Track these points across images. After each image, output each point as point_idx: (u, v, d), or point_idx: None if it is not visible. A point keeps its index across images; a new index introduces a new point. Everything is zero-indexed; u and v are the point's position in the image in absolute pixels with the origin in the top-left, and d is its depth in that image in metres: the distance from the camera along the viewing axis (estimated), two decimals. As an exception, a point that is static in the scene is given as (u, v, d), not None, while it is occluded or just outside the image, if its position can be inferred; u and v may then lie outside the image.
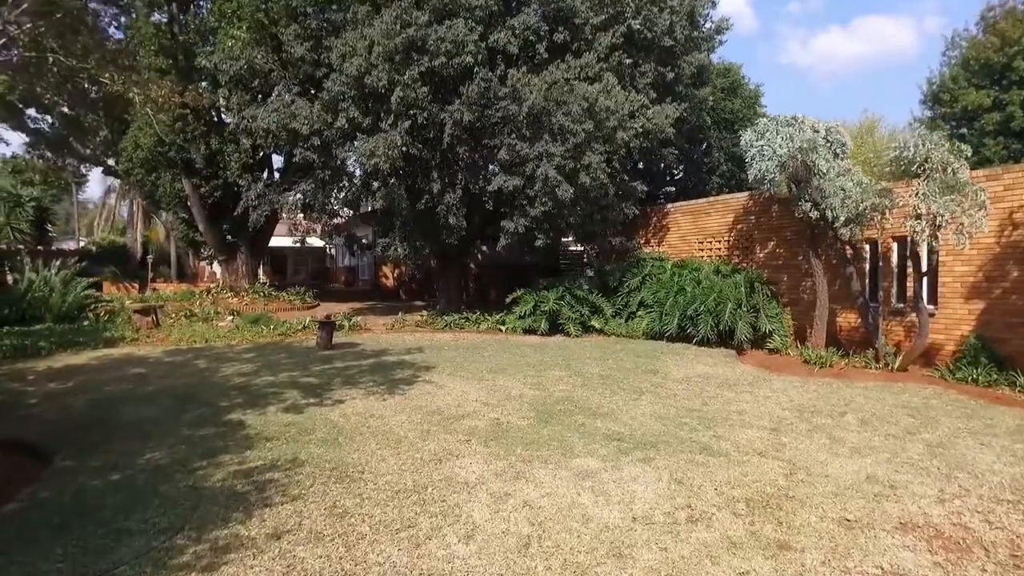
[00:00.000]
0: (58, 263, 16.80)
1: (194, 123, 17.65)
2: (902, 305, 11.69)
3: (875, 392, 9.09)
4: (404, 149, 13.28)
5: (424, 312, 19.03)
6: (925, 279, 10.79)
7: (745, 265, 15.42)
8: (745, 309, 13.42)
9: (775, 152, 12.15)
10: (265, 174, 19.62)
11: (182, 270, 35.21)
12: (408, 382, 9.44)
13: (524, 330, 15.89)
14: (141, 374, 9.91)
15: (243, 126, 14.67)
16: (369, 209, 21.41)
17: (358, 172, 17.87)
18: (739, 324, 13.15)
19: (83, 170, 22.77)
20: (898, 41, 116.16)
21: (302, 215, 17.26)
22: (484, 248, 24.12)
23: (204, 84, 18.21)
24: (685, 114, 16.92)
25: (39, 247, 20.74)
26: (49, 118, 21.28)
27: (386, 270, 26.82)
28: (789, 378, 10.27)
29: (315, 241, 34.51)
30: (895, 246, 11.84)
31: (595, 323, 16.10)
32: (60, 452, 5.88)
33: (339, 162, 14.49)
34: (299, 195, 15.63)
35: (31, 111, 22.30)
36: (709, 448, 6.25)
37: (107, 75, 8.22)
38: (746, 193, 16.33)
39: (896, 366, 10.60)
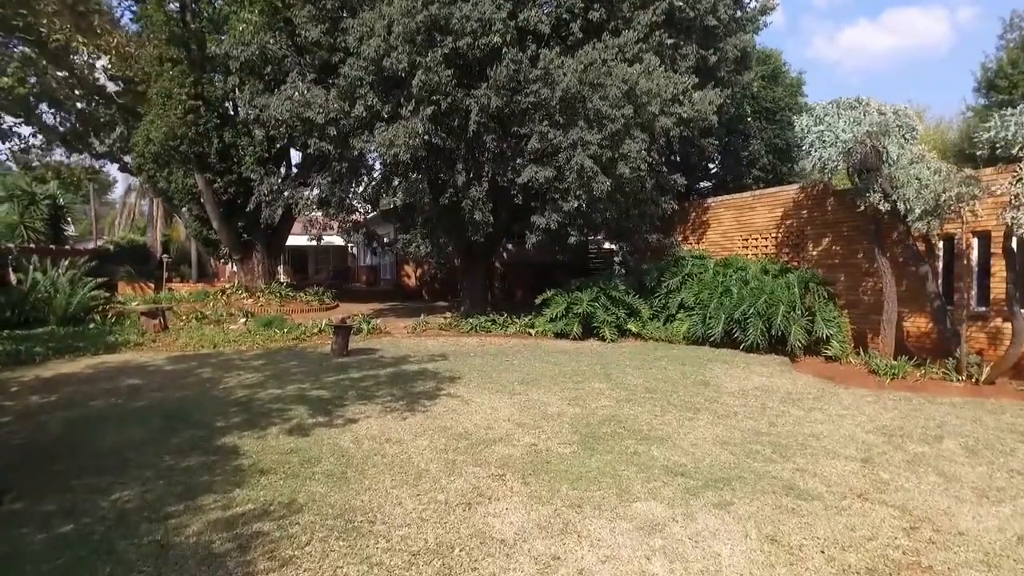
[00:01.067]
0: (66, 263, 16.04)
1: (207, 115, 16.79)
2: (984, 308, 10.38)
3: (967, 410, 7.85)
4: (426, 138, 12.24)
5: (448, 314, 18.01)
6: None
7: (796, 264, 14.18)
8: (799, 312, 12.19)
9: (837, 138, 10.90)
10: (283, 169, 18.72)
11: (203, 270, 34.59)
12: (431, 396, 8.38)
13: (555, 334, 14.79)
14: (135, 386, 8.98)
15: (254, 116, 13.71)
16: (390, 205, 20.49)
17: (378, 165, 16.92)
18: (792, 329, 11.94)
19: (97, 166, 22.13)
20: (931, 34, 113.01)
21: (320, 212, 16.33)
22: (510, 246, 23.07)
23: (217, 76, 17.37)
24: (727, 101, 15.66)
25: (53, 246, 20.08)
26: (61, 114, 20.63)
27: (408, 269, 25.88)
28: (858, 391, 9.06)
29: (337, 240, 33.81)
30: (975, 241, 10.54)
31: (631, 326, 14.95)
32: (12, 490, 4.90)
33: (357, 154, 13.48)
34: (315, 190, 14.66)
35: (43, 106, 21.70)
36: (795, 487, 5.10)
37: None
38: (796, 185, 15.08)
39: (983, 378, 9.33)
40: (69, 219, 23.74)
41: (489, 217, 13.79)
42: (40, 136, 19.60)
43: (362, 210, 16.83)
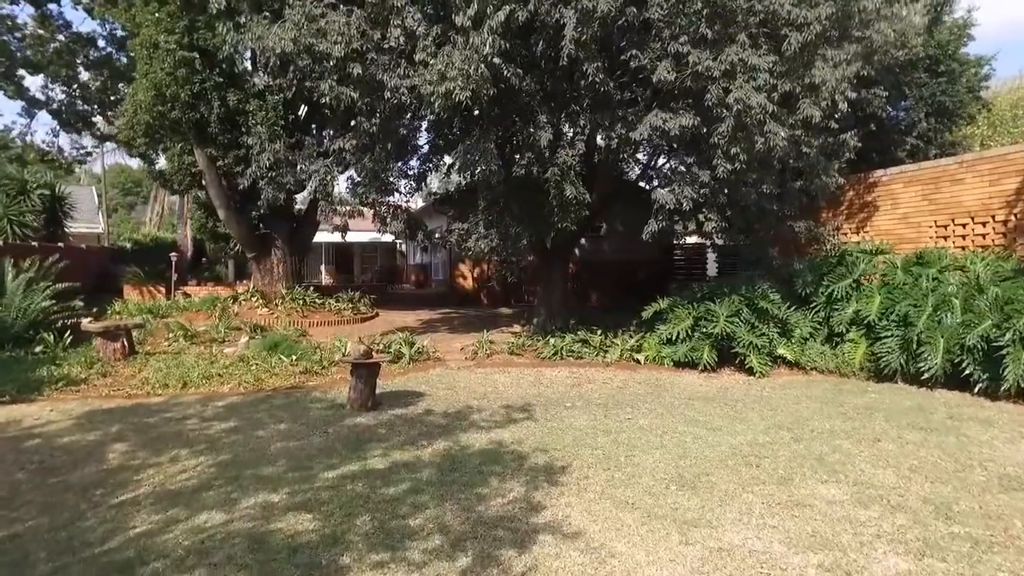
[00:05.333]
0: (26, 263, 12.26)
1: (204, 71, 12.84)
2: None
3: None
4: (497, 65, 7.85)
5: (517, 327, 13.65)
6: None
7: (1053, 260, 9.38)
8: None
9: None
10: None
11: (240, 270, 31.03)
12: (522, 539, 4.02)
13: (675, 362, 10.31)
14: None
15: (244, 47, 9.53)
16: (440, 189, 16.19)
17: (422, 137, 12.61)
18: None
19: (90, 149, 18.77)
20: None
21: (347, 191, 12.22)
22: (582, 239, 18.51)
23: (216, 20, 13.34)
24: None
25: (35, 243, 16.52)
26: (57, 88, 17.23)
27: (463, 268, 21.68)
28: None
29: (386, 236, 30.17)
30: None
31: (783, 350, 10.32)
32: None
33: (393, 102, 9.19)
34: (334, 163, 10.41)
35: (37, 79, 18.27)
36: None
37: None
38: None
39: None
40: (71, 212, 20.14)
41: (585, 194, 9.34)
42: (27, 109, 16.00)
43: (403, 190, 12.53)
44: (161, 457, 5.53)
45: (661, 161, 13.26)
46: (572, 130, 9.21)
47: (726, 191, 9.24)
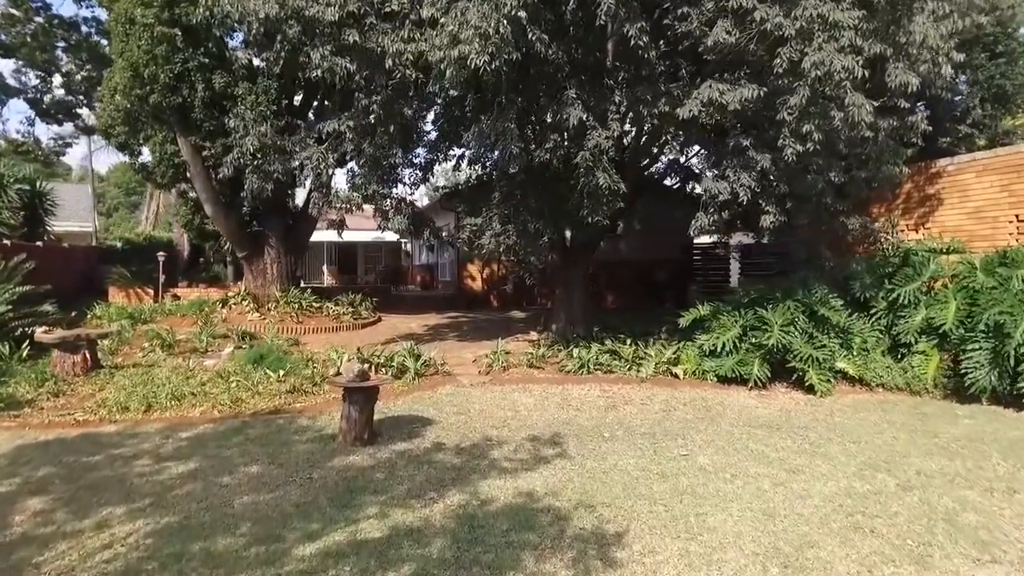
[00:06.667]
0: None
1: (186, 49, 11.51)
2: None
3: None
4: (522, 23, 6.48)
5: (534, 334, 12.30)
6: None
7: None
8: None
9: None
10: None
11: (240, 271, 29.73)
12: None
13: (720, 377, 8.93)
14: None
15: (221, 12, 8.17)
16: (440, 183, 14.81)
17: (429, 122, 11.28)
18: None
19: (72, 141, 17.45)
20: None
21: (346, 184, 10.90)
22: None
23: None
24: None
25: (8, 242, 15.21)
26: (31, 74, 15.91)
27: (472, 269, 20.29)
28: None
29: (390, 235, 29.04)
30: None
31: (844, 364, 8.93)
32: None
33: (397, 78, 7.85)
34: (329, 149, 9.04)
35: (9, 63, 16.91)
36: None
37: None
38: None
39: None
40: (52, 209, 18.80)
41: (619, 183, 7.96)
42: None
43: (408, 181, 11.14)
44: (85, 520, 4.18)
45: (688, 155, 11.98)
46: (606, 107, 7.81)
47: (783, 180, 7.83)
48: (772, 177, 7.52)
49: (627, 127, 9.19)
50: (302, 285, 19.69)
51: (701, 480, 5.14)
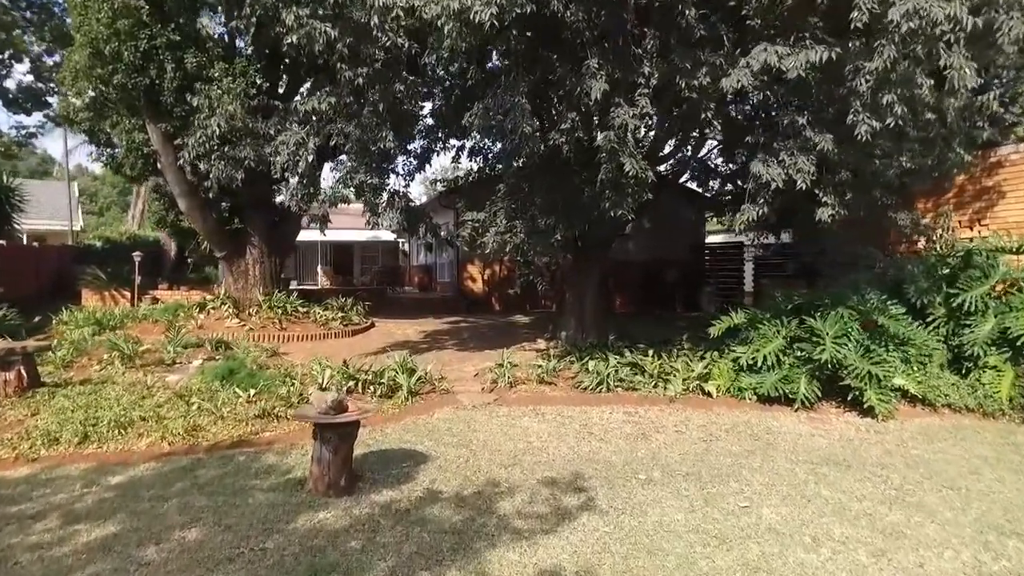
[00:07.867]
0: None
1: (154, 25, 10.28)
2: None
3: None
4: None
5: (541, 342, 11.11)
6: None
7: None
8: None
9: None
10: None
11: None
12: None
13: (759, 396, 7.69)
14: None
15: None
16: (448, 173, 13.59)
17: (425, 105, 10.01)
18: None
19: (37, 130, 16.11)
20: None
21: (335, 179, 9.70)
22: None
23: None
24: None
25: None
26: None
27: (472, 269, 19.06)
28: None
29: (385, 234, 28.02)
30: None
31: (903, 381, 7.68)
32: None
33: (385, 44, 6.63)
34: (311, 133, 7.79)
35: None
36: None
37: None
38: None
39: None
40: (21, 205, 17.48)
41: (647, 169, 6.73)
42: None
43: (401, 170, 9.91)
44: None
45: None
46: (631, 80, 6.58)
47: (845, 168, 6.62)
48: (836, 160, 6.29)
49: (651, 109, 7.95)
50: (293, 287, 18.47)
51: (775, 548, 3.93)
